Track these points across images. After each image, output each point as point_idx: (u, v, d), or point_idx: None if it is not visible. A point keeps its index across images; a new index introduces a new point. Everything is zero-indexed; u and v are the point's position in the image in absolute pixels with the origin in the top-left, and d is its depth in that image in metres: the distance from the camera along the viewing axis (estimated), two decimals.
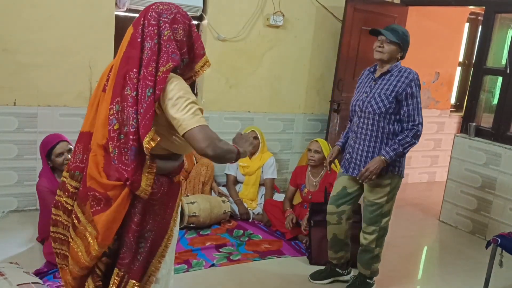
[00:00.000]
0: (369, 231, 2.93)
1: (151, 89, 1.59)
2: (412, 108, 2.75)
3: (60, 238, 1.83)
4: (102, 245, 1.65)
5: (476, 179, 4.34)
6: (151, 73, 1.60)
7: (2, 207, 3.77)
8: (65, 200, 1.79)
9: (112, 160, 1.64)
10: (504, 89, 4.22)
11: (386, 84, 2.79)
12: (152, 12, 1.68)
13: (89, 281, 1.74)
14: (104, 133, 1.66)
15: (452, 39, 5.83)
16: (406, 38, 2.80)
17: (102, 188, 1.64)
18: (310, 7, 4.78)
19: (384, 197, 2.87)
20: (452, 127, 6.12)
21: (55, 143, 3.16)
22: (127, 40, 1.70)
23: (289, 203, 3.95)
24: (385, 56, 2.80)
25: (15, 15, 3.56)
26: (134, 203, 1.68)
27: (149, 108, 1.59)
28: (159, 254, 1.78)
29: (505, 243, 2.95)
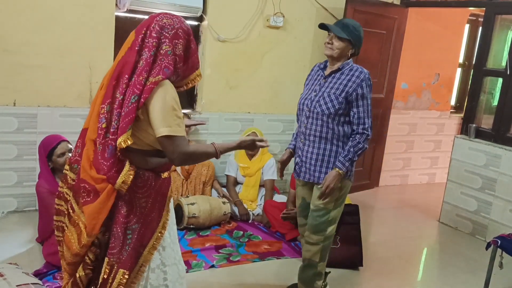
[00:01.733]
0: (313, 240, 2.69)
1: (136, 96, 1.69)
2: (362, 110, 2.58)
3: (62, 227, 1.93)
4: (89, 234, 1.76)
5: (476, 180, 4.34)
6: (140, 82, 1.70)
7: (2, 207, 3.77)
8: (65, 191, 1.90)
9: (98, 154, 1.75)
10: (504, 90, 4.22)
11: (336, 83, 2.60)
12: (155, 24, 1.77)
13: (79, 269, 1.84)
14: (95, 129, 1.77)
15: (452, 40, 5.83)
16: (357, 34, 2.60)
17: (92, 181, 1.75)
18: (310, 8, 4.79)
19: (333, 202, 2.65)
20: (452, 128, 6.12)
21: (56, 144, 3.16)
22: (127, 46, 1.78)
23: (292, 205, 3.94)
24: (335, 53, 2.60)
25: (15, 16, 3.56)
26: (121, 195, 1.78)
27: (130, 113, 1.69)
28: (150, 245, 1.86)
29: (505, 245, 2.95)
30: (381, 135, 5.44)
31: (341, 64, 2.64)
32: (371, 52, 5.00)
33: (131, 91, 1.70)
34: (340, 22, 2.63)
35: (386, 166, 5.65)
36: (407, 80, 5.59)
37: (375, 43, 5.00)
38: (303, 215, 2.87)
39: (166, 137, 1.71)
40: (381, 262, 3.61)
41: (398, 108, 5.60)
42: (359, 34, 2.61)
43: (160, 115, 1.70)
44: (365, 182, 5.43)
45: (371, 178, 5.51)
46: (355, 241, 3.46)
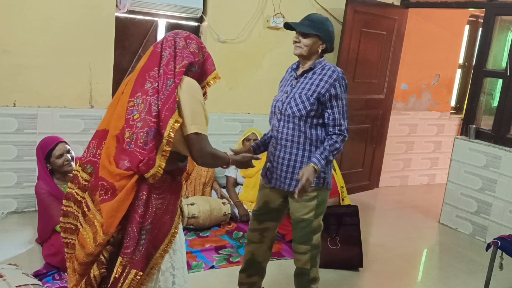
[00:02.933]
0: (302, 251, 2.58)
1: (172, 79, 1.80)
2: (337, 111, 2.42)
3: (71, 228, 1.94)
4: (106, 232, 1.76)
5: (476, 181, 4.34)
6: (170, 69, 1.83)
7: (2, 208, 3.76)
8: (76, 191, 1.91)
9: (127, 144, 1.77)
10: (504, 91, 4.22)
11: (308, 84, 2.45)
12: (168, 36, 1.95)
13: (94, 268, 1.83)
14: (119, 124, 1.82)
15: (452, 41, 5.83)
16: (325, 28, 2.45)
17: (111, 177, 1.77)
18: (311, 9, 4.78)
19: (312, 211, 2.51)
20: (452, 129, 6.12)
21: (54, 145, 3.16)
22: (147, 55, 1.92)
23: None
24: (304, 51, 2.46)
25: (15, 16, 3.56)
26: (138, 195, 1.80)
27: (171, 94, 1.78)
28: (162, 248, 1.87)
29: (505, 246, 2.95)
30: (381, 136, 5.44)
31: (312, 63, 2.50)
32: (371, 53, 5.01)
33: (165, 78, 1.80)
34: (305, 19, 2.50)
35: (386, 167, 5.65)
36: (407, 81, 5.59)
37: (375, 44, 5.00)
38: (258, 220, 2.66)
39: (195, 134, 1.81)
40: (381, 263, 3.61)
41: (398, 109, 5.60)
42: (327, 28, 2.47)
43: (191, 113, 1.81)
44: (365, 183, 5.43)
45: (371, 179, 5.50)
46: (355, 242, 3.46)
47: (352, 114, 4.97)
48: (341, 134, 2.43)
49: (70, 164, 3.20)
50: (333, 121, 2.42)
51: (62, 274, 2.92)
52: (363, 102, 5.10)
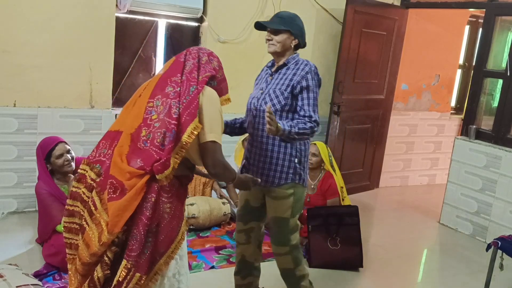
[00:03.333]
0: (282, 252, 2.55)
1: (195, 86, 1.84)
2: (307, 103, 2.41)
3: (76, 228, 1.91)
4: (111, 232, 1.73)
5: (476, 181, 4.34)
6: (193, 77, 1.88)
7: (2, 208, 3.76)
8: (83, 190, 1.89)
9: (143, 142, 1.78)
10: (504, 91, 4.22)
11: (282, 79, 2.46)
12: (192, 49, 2.02)
13: (97, 269, 1.80)
14: (135, 123, 1.84)
15: (453, 41, 5.83)
16: (295, 22, 2.47)
17: (121, 175, 1.76)
18: (311, 9, 4.79)
19: (289, 210, 2.49)
20: (452, 129, 6.11)
21: (54, 145, 3.16)
22: (169, 64, 1.98)
23: None
24: (277, 48, 2.45)
25: (15, 16, 3.56)
26: (147, 197, 1.78)
27: (193, 99, 1.81)
28: (167, 255, 1.85)
29: (506, 246, 2.95)
30: (381, 136, 5.43)
31: (286, 59, 2.51)
32: (371, 53, 5.01)
33: (187, 84, 1.84)
34: (275, 16, 2.52)
35: (386, 167, 5.65)
36: (407, 81, 5.59)
37: (375, 44, 5.00)
38: (243, 220, 2.65)
39: (212, 142, 1.84)
40: (381, 263, 3.61)
41: (398, 109, 5.60)
42: (297, 22, 2.49)
43: (210, 121, 1.84)
44: (365, 183, 5.43)
45: (371, 179, 5.50)
46: (355, 242, 3.46)
47: (352, 114, 5.01)
48: (311, 123, 2.38)
49: (70, 164, 3.20)
50: (303, 112, 2.41)
51: (62, 274, 2.92)
52: (363, 103, 5.10)
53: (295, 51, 2.55)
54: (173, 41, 4.46)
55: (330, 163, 3.85)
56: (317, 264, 3.41)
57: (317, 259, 3.42)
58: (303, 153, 2.51)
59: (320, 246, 3.43)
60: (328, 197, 3.76)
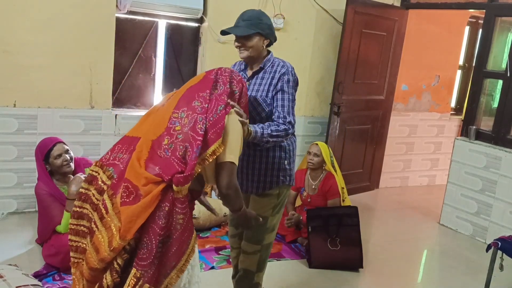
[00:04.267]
0: (251, 250, 2.46)
1: (223, 106, 1.85)
2: (281, 104, 2.29)
3: (83, 231, 1.86)
4: (123, 237, 1.68)
5: (476, 182, 4.34)
6: (223, 99, 1.89)
7: (2, 208, 3.76)
8: (93, 192, 1.86)
9: (164, 150, 1.77)
10: (504, 92, 4.22)
11: (262, 84, 2.35)
12: (224, 71, 2.05)
13: (107, 276, 1.75)
14: (158, 131, 1.83)
15: (453, 42, 5.83)
16: (262, 21, 2.35)
17: (137, 180, 1.73)
18: (311, 9, 4.79)
19: (271, 209, 2.43)
20: (452, 130, 6.12)
21: (52, 146, 3.16)
22: (198, 79, 2.00)
23: (292, 207, 3.94)
24: (250, 53, 2.34)
25: (15, 17, 3.56)
26: (161, 206, 1.73)
27: (220, 119, 1.82)
28: (178, 267, 1.79)
29: (506, 247, 2.94)
30: (381, 137, 5.44)
31: (262, 62, 2.39)
32: (371, 54, 5.01)
33: (216, 103, 1.85)
34: (239, 20, 2.37)
35: (386, 168, 5.65)
36: (407, 82, 5.59)
37: (375, 45, 5.00)
38: (233, 225, 2.61)
39: (231, 163, 1.84)
40: (381, 263, 3.61)
41: (398, 110, 5.60)
42: (265, 21, 2.36)
43: (232, 142, 1.86)
44: (365, 184, 5.43)
45: (371, 180, 5.50)
46: (355, 243, 3.46)
47: (352, 115, 5.01)
48: (286, 125, 2.26)
49: (69, 164, 3.19)
50: (278, 113, 2.29)
51: (62, 275, 2.92)
52: (363, 103, 5.10)
53: (268, 51, 2.45)
54: (173, 42, 4.46)
55: (331, 164, 3.85)
56: (317, 264, 3.41)
57: (317, 260, 3.42)
58: (291, 153, 2.46)
59: (320, 247, 3.43)
60: (329, 198, 3.76)
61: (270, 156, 2.38)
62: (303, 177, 3.93)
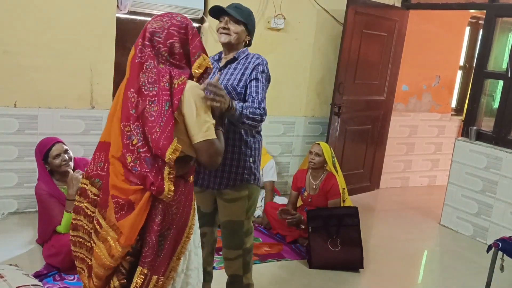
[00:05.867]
0: (233, 256, 2.45)
1: (168, 102, 1.70)
2: (255, 91, 2.25)
3: (80, 242, 1.90)
4: (125, 246, 1.72)
5: (477, 183, 4.34)
6: (164, 87, 1.71)
7: (2, 208, 3.76)
8: (86, 205, 1.87)
9: (132, 168, 1.72)
10: (505, 93, 4.22)
11: (234, 74, 2.31)
12: (146, 33, 1.82)
13: (114, 279, 1.79)
14: (119, 146, 1.75)
15: (453, 42, 5.83)
16: (251, 18, 2.37)
17: (124, 194, 1.72)
18: (311, 10, 4.79)
19: (244, 212, 2.39)
20: (452, 130, 6.11)
21: (51, 145, 3.16)
22: (129, 60, 1.82)
23: (292, 207, 3.94)
24: (233, 38, 2.31)
25: (16, 17, 3.56)
26: (154, 204, 1.76)
27: (169, 120, 1.69)
28: (178, 251, 1.84)
29: (506, 247, 2.94)
30: (382, 137, 5.44)
31: (236, 53, 2.35)
32: (372, 54, 5.01)
33: (161, 100, 1.70)
34: (232, 6, 2.35)
35: (387, 168, 5.65)
36: (407, 82, 5.59)
37: (376, 45, 5.00)
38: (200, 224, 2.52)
39: (204, 142, 1.75)
40: (381, 264, 3.61)
41: (398, 110, 5.60)
42: (253, 19, 2.38)
43: (196, 120, 1.74)
44: (365, 184, 5.43)
45: (371, 180, 5.50)
46: (355, 243, 3.46)
47: (352, 115, 5.01)
48: (260, 109, 2.20)
49: (68, 164, 3.19)
50: (251, 98, 2.25)
51: (62, 275, 2.92)
52: (363, 103, 5.10)
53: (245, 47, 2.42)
54: None
55: (332, 164, 3.85)
56: (317, 265, 3.41)
57: (318, 260, 3.41)
58: (257, 152, 2.41)
59: (321, 247, 3.43)
60: (329, 198, 3.76)
61: (235, 152, 2.33)
62: (304, 177, 3.93)
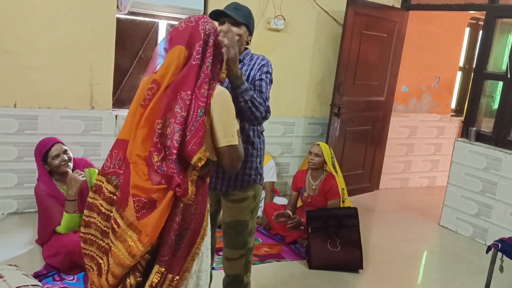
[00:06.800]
0: (236, 256, 2.44)
1: (203, 109, 1.73)
2: (259, 90, 2.24)
3: (91, 239, 1.89)
4: (147, 244, 1.72)
5: (476, 183, 4.34)
6: (203, 94, 1.74)
7: (2, 209, 3.76)
8: (100, 202, 1.86)
9: (158, 168, 1.73)
10: (504, 94, 4.22)
11: None
12: (202, 34, 1.81)
13: (130, 277, 1.79)
14: (147, 146, 1.75)
15: (453, 43, 5.84)
16: (251, 18, 2.32)
17: (146, 193, 1.73)
18: (311, 10, 4.79)
19: (249, 212, 2.40)
20: (452, 131, 6.12)
21: (50, 146, 3.16)
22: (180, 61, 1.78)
23: (292, 208, 3.94)
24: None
25: (16, 17, 3.57)
26: (176, 204, 1.77)
27: (200, 127, 1.72)
28: (193, 251, 1.85)
29: (506, 248, 2.94)
30: (382, 138, 5.44)
31: (241, 55, 2.33)
32: (372, 55, 5.01)
33: (196, 105, 1.73)
34: (232, 7, 2.29)
35: (387, 169, 5.65)
36: (407, 83, 5.60)
37: (375, 46, 5.00)
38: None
39: (228, 147, 1.81)
40: (381, 265, 3.61)
41: (398, 111, 5.60)
42: (252, 18, 2.34)
43: (223, 125, 1.79)
44: (365, 185, 5.43)
45: (371, 181, 5.50)
46: (355, 244, 3.46)
47: (352, 116, 5.01)
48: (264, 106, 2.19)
49: (67, 164, 3.19)
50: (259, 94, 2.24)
51: (62, 275, 2.92)
52: (363, 104, 5.10)
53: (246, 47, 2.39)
54: None
55: (332, 164, 3.85)
56: (317, 266, 3.41)
57: (317, 261, 3.41)
58: (262, 152, 2.44)
59: (320, 248, 3.43)
60: (329, 199, 3.76)
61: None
62: (304, 178, 3.93)
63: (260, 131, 2.41)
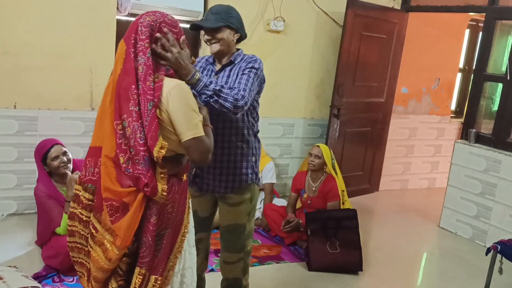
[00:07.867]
0: (235, 259, 2.42)
1: (152, 102, 1.69)
2: (238, 81, 2.17)
3: (77, 247, 1.91)
4: (121, 248, 1.73)
5: (476, 185, 4.34)
6: (149, 87, 1.71)
7: (1, 210, 3.77)
8: (80, 211, 1.86)
9: (125, 169, 1.72)
10: (504, 95, 4.22)
11: (230, 76, 2.26)
12: (141, 27, 1.77)
13: (112, 281, 1.81)
14: (112, 145, 1.73)
15: (453, 45, 5.84)
16: (231, 15, 2.27)
17: (117, 197, 1.72)
18: (311, 12, 4.80)
19: (246, 215, 2.38)
20: (452, 133, 6.12)
21: (50, 147, 3.17)
22: (121, 57, 1.77)
23: (292, 209, 3.94)
24: (222, 45, 2.25)
25: (16, 18, 3.57)
26: (149, 205, 1.76)
27: (152, 120, 1.69)
28: (175, 250, 1.85)
29: (505, 250, 2.95)
30: (381, 139, 5.44)
31: (231, 56, 2.31)
32: (372, 57, 5.01)
33: (145, 99, 1.70)
34: (209, 13, 2.27)
35: (386, 171, 5.65)
36: (407, 84, 5.60)
37: (375, 48, 5.01)
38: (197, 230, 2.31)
39: (192, 139, 1.74)
40: (380, 266, 3.61)
41: (398, 112, 5.60)
42: (234, 15, 2.28)
43: (183, 118, 1.73)
44: (365, 187, 5.43)
45: (371, 182, 5.50)
46: (354, 246, 3.46)
47: (352, 117, 5.01)
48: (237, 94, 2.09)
49: (67, 166, 3.19)
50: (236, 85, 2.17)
51: (61, 276, 2.92)
52: (363, 106, 5.11)
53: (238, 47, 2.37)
54: None
55: (332, 166, 3.85)
56: (316, 267, 3.41)
57: (317, 262, 3.41)
58: (258, 151, 2.41)
59: (320, 250, 3.43)
60: (328, 200, 3.76)
61: (238, 154, 2.31)
62: (304, 179, 3.93)
63: (255, 131, 2.39)
